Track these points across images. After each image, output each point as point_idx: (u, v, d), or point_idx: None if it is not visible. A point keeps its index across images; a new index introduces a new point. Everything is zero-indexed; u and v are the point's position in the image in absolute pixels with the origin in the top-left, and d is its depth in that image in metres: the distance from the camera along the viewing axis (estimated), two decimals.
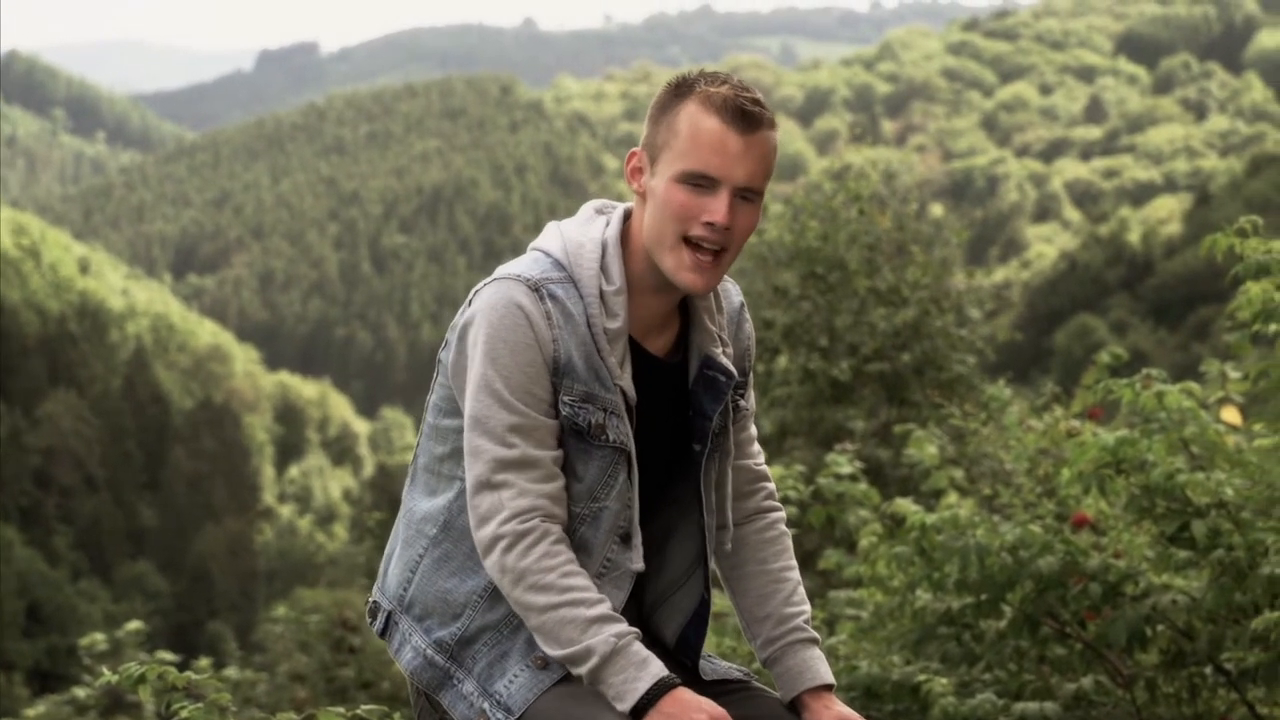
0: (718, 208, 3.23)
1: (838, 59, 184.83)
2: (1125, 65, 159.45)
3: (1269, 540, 5.41)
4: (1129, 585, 5.66)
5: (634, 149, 3.35)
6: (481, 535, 3.25)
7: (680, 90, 3.29)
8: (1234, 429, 6.47)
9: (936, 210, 19.37)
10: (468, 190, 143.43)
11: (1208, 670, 5.88)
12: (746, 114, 3.23)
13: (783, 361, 15.39)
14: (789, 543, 3.63)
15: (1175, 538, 5.63)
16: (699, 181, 3.23)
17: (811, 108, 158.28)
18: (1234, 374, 6.53)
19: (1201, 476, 5.56)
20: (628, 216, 3.39)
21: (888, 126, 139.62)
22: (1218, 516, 5.52)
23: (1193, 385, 6.00)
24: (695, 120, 3.24)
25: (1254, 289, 5.55)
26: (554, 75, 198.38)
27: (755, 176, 3.25)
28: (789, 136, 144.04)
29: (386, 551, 3.52)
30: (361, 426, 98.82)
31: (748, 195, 3.26)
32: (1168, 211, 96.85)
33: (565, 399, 3.27)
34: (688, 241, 3.26)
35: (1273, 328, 5.57)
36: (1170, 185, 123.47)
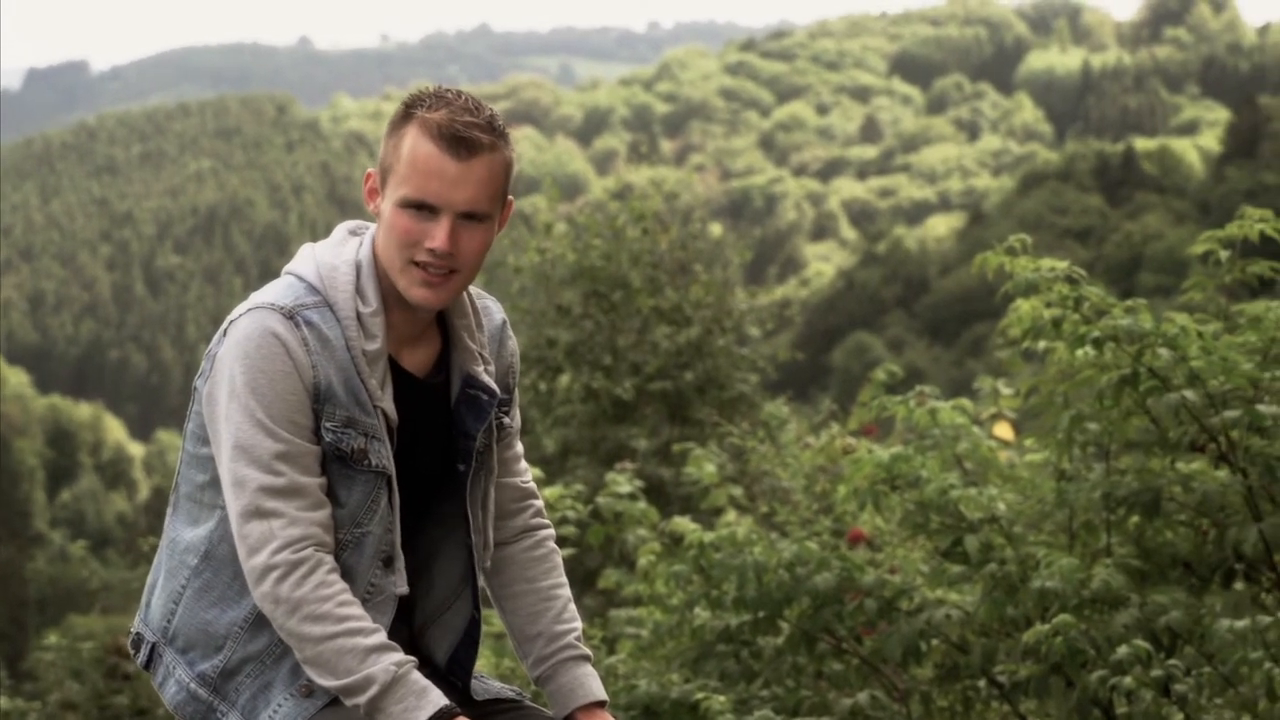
0: (438, 234, 3.22)
1: (616, 79, 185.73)
2: (899, 86, 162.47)
3: (1039, 554, 5.49)
4: (904, 600, 5.72)
5: (370, 169, 3.33)
6: (253, 565, 3.19)
7: (406, 113, 3.27)
8: (1006, 444, 6.59)
9: (716, 229, 19.48)
10: (244, 210, 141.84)
11: (981, 683, 5.96)
12: (461, 140, 3.20)
13: (565, 380, 15.40)
14: (559, 560, 3.62)
15: (949, 553, 5.70)
16: (419, 208, 3.22)
17: (590, 127, 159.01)
18: (1006, 390, 6.65)
19: (974, 492, 5.64)
20: None
21: (666, 146, 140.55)
22: (990, 531, 5.60)
23: (965, 402, 6.09)
24: (414, 146, 3.22)
25: (1024, 306, 5.64)
26: (331, 94, 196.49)
27: (476, 201, 3.23)
28: (569, 155, 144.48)
29: (149, 582, 3.45)
30: (136, 449, 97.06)
31: (473, 217, 3.25)
32: (943, 230, 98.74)
33: (327, 425, 3.24)
34: (416, 264, 3.24)
35: (1042, 344, 5.67)
36: (944, 204, 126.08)
